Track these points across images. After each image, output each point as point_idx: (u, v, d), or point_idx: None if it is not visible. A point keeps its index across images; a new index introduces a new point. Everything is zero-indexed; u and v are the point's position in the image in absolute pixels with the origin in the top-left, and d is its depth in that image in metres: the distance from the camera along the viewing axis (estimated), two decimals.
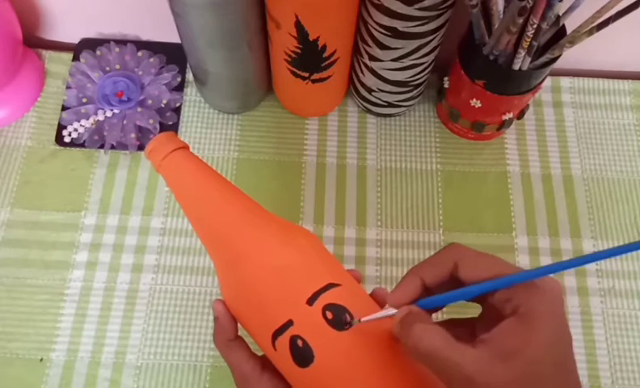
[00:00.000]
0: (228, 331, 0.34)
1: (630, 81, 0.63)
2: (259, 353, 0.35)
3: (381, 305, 0.33)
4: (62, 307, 0.51)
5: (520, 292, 0.26)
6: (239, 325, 0.35)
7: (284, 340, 0.31)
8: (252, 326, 0.34)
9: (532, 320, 0.25)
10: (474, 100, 0.53)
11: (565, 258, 0.55)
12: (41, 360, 0.50)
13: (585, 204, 0.57)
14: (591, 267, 0.54)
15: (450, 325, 0.32)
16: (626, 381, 0.51)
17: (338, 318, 0.31)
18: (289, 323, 0.31)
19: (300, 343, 0.31)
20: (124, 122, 0.56)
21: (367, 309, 0.32)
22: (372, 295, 0.34)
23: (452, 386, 0.26)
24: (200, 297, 0.52)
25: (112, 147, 0.56)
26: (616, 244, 0.55)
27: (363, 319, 0.30)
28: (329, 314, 0.31)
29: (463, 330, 0.30)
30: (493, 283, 0.26)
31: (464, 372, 0.25)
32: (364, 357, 0.31)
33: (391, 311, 0.29)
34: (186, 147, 0.37)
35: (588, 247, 0.55)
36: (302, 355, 0.31)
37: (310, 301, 0.31)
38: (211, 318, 0.51)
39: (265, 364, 0.34)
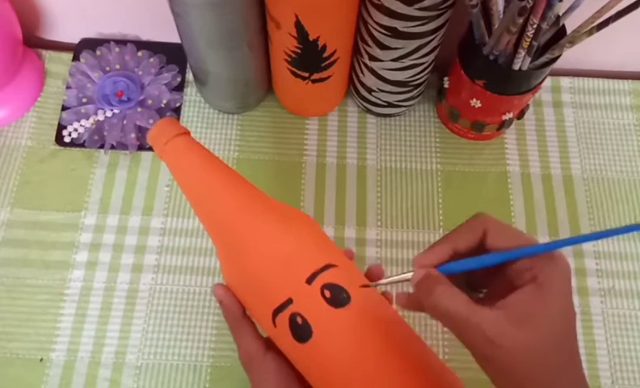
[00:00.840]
0: (233, 310, 0.36)
1: (630, 81, 0.63)
2: (265, 335, 0.36)
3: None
4: (62, 307, 0.51)
5: (540, 263, 0.28)
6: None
7: (283, 318, 0.33)
8: (253, 306, 0.36)
9: (550, 289, 0.27)
10: (474, 100, 0.53)
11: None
12: (41, 360, 0.50)
13: (585, 204, 0.57)
14: (591, 266, 0.54)
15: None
16: (626, 381, 0.51)
17: (336, 297, 0.33)
18: (289, 302, 0.33)
19: (299, 320, 0.32)
20: (124, 122, 0.56)
21: (360, 290, 0.33)
22: (367, 274, 0.36)
23: (471, 346, 0.27)
24: (200, 297, 0.52)
25: (112, 147, 0.56)
26: (616, 244, 0.55)
27: (381, 282, 0.32)
28: (327, 293, 0.33)
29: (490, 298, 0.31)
30: (517, 252, 0.28)
31: (483, 333, 0.26)
32: (360, 334, 0.32)
33: (409, 274, 0.30)
34: (188, 133, 0.38)
35: (588, 247, 0.55)
36: (301, 331, 0.32)
37: (309, 281, 0.33)
38: (211, 318, 0.51)
39: (269, 344, 0.36)
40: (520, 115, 0.56)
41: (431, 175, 0.58)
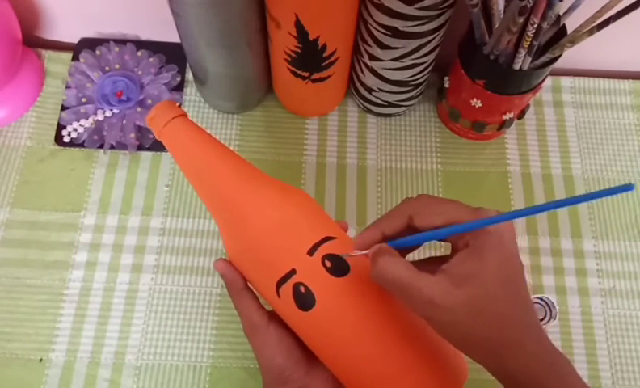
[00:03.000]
0: (236, 281, 0.37)
1: (631, 80, 0.63)
2: (268, 308, 0.38)
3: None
4: (62, 307, 0.51)
5: (470, 232, 0.30)
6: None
7: (287, 288, 0.34)
8: (256, 278, 0.37)
9: (481, 250, 0.29)
10: (475, 100, 0.53)
11: (565, 258, 0.55)
12: (41, 360, 0.50)
13: (586, 204, 0.57)
14: (591, 267, 0.54)
15: (426, 262, 0.36)
16: (627, 381, 0.51)
17: (336, 266, 0.35)
18: (292, 272, 0.34)
19: (302, 289, 0.34)
20: (124, 122, 0.56)
21: (358, 260, 0.35)
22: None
23: (416, 309, 0.30)
24: (200, 298, 0.52)
25: (112, 147, 0.56)
26: (616, 245, 0.55)
27: (348, 255, 0.34)
28: (328, 263, 0.35)
29: (436, 266, 0.33)
30: (439, 232, 0.31)
31: (424, 295, 0.29)
32: (360, 300, 0.34)
33: (367, 251, 0.33)
34: (185, 114, 0.39)
35: (589, 247, 0.55)
36: (304, 300, 0.34)
37: (311, 252, 0.35)
38: (211, 318, 0.51)
39: (272, 315, 0.37)
40: (521, 115, 0.56)
41: (431, 175, 0.58)
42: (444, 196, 0.57)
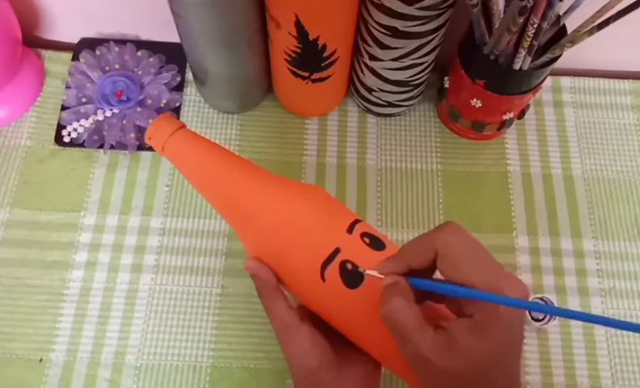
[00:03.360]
0: (268, 280, 0.37)
1: (631, 80, 0.63)
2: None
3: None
4: (62, 307, 0.51)
5: (480, 303, 0.29)
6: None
7: (334, 268, 0.35)
8: (292, 271, 0.36)
9: (488, 329, 0.29)
10: (475, 100, 0.53)
11: (565, 258, 0.55)
12: (41, 360, 0.50)
13: (585, 204, 0.57)
14: (591, 267, 0.54)
15: (429, 296, 0.35)
16: (627, 381, 0.51)
17: (375, 242, 0.36)
18: (337, 251, 0.35)
19: (349, 266, 0.34)
20: (124, 122, 0.56)
21: (384, 236, 0.37)
22: None
23: (406, 356, 0.30)
24: (200, 297, 0.52)
25: (112, 147, 0.56)
26: (616, 245, 0.55)
27: (367, 272, 0.34)
28: (366, 240, 0.35)
29: (439, 313, 0.34)
30: (456, 290, 0.30)
31: (421, 350, 0.29)
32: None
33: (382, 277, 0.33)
34: (184, 126, 0.39)
35: (589, 247, 0.55)
36: (353, 277, 0.34)
37: (350, 231, 0.36)
38: (211, 318, 0.51)
39: (304, 315, 0.37)
40: (521, 115, 0.56)
41: (431, 175, 0.58)
42: (444, 196, 0.57)
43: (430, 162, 0.58)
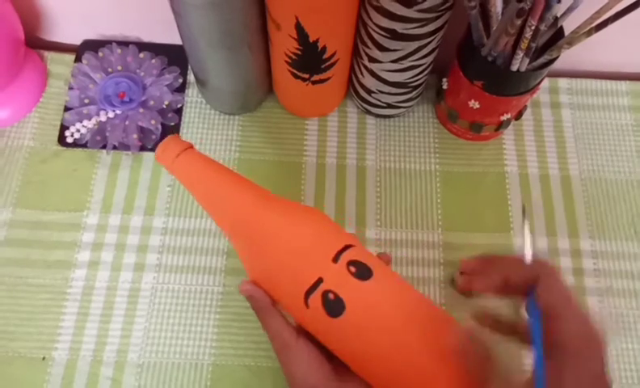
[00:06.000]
0: (262, 301, 0.37)
1: (628, 82, 0.63)
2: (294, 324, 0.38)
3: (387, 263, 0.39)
4: (64, 306, 0.52)
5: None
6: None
7: (316, 297, 0.35)
8: (282, 294, 0.38)
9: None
10: (473, 101, 0.53)
11: (562, 257, 0.55)
12: (43, 358, 0.50)
13: (583, 204, 0.58)
14: (588, 266, 0.55)
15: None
16: (624, 380, 0.51)
17: (361, 271, 0.36)
18: (320, 281, 0.35)
19: (331, 296, 0.35)
20: (126, 123, 0.56)
21: (377, 262, 0.37)
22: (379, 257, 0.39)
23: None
24: (202, 296, 0.53)
25: (114, 147, 0.56)
26: (614, 244, 0.56)
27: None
28: (352, 269, 0.36)
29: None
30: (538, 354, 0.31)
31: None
32: (386, 301, 0.35)
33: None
34: (191, 147, 0.41)
35: (586, 247, 0.56)
36: (334, 306, 0.35)
37: (335, 260, 0.36)
38: (212, 316, 0.52)
39: (300, 331, 0.37)
40: (518, 116, 0.57)
41: (429, 176, 0.58)
42: (442, 196, 0.57)
43: (428, 163, 0.59)
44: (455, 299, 0.53)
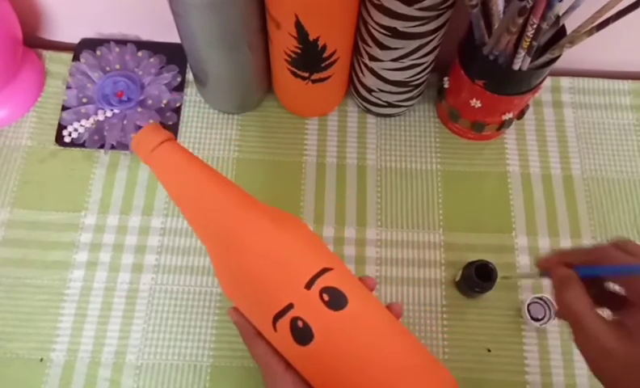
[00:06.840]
0: (247, 330, 0.37)
1: (630, 81, 0.63)
2: None
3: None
4: (62, 307, 0.51)
5: None
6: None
7: (284, 322, 0.34)
8: (251, 310, 0.36)
9: None
10: (474, 100, 0.53)
11: None
12: (41, 360, 0.50)
13: (585, 203, 0.57)
14: None
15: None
16: None
17: (334, 300, 0.34)
18: (290, 307, 0.33)
19: (300, 323, 0.33)
20: (124, 122, 0.56)
21: (357, 289, 0.35)
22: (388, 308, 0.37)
23: (587, 355, 0.32)
24: (200, 297, 0.52)
25: (112, 147, 0.56)
26: None
27: (513, 275, 0.37)
28: (325, 296, 0.34)
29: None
30: (630, 268, 0.32)
31: (599, 343, 0.31)
32: (359, 334, 0.33)
33: (535, 274, 0.37)
34: (172, 139, 0.38)
35: (585, 245, 0.55)
36: (302, 334, 0.33)
37: (308, 286, 0.34)
38: (211, 318, 0.52)
39: (288, 361, 0.36)
40: (520, 116, 0.56)
41: (431, 175, 0.58)
42: (443, 196, 0.57)
43: (430, 162, 0.59)
44: (456, 299, 0.53)
